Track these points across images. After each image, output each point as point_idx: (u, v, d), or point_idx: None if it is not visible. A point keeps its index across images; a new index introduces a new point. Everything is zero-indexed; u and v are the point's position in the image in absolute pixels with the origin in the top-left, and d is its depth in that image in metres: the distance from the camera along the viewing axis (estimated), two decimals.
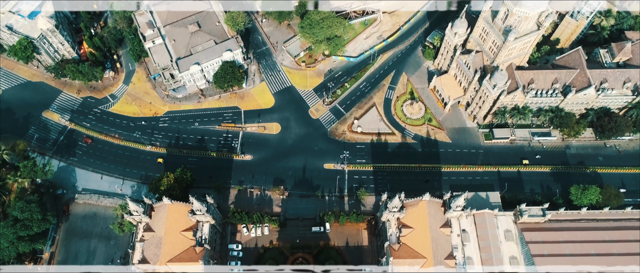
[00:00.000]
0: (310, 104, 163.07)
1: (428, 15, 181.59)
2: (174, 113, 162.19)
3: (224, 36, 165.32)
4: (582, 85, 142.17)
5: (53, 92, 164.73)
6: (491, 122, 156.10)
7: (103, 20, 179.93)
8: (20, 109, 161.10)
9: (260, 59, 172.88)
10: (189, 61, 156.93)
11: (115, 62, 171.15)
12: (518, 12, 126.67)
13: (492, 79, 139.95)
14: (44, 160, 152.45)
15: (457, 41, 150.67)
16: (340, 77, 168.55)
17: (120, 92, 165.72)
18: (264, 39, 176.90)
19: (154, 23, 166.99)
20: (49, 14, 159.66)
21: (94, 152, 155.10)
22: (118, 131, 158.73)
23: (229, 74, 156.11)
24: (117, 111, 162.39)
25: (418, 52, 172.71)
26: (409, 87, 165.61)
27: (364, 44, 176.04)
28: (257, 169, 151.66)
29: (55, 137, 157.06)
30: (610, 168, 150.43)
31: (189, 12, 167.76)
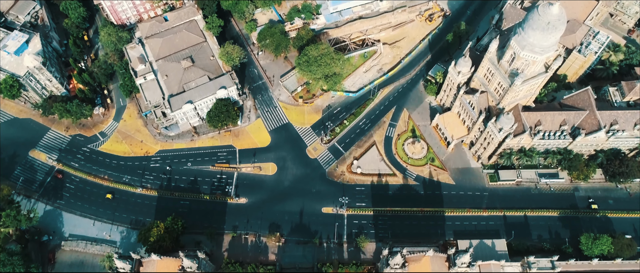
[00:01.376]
0: (308, 143, 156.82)
1: (430, 47, 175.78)
2: (166, 152, 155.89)
3: (218, 71, 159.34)
4: (592, 127, 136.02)
5: (40, 130, 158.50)
6: (496, 162, 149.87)
7: (94, 53, 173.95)
8: (6, 148, 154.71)
9: (256, 94, 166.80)
10: (182, 99, 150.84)
11: (105, 97, 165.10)
12: (525, 57, 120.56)
13: (498, 122, 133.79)
14: (29, 204, 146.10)
15: (460, 79, 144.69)
16: (339, 114, 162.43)
17: (110, 130, 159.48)
18: (260, 73, 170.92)
19: (146, 57, 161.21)
20: (36, 49, 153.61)
21: (82, 195, 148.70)
22: (107, 172, 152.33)
23: (223, 113, 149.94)
24: (107, 150, 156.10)
25: (420, 87, 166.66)
26: (411, 124, 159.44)
27: (364, 77, 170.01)
28: (252, 213, 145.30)
29: (42, 178, 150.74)
30: (621, 212, 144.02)
31: (182, 45, 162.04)
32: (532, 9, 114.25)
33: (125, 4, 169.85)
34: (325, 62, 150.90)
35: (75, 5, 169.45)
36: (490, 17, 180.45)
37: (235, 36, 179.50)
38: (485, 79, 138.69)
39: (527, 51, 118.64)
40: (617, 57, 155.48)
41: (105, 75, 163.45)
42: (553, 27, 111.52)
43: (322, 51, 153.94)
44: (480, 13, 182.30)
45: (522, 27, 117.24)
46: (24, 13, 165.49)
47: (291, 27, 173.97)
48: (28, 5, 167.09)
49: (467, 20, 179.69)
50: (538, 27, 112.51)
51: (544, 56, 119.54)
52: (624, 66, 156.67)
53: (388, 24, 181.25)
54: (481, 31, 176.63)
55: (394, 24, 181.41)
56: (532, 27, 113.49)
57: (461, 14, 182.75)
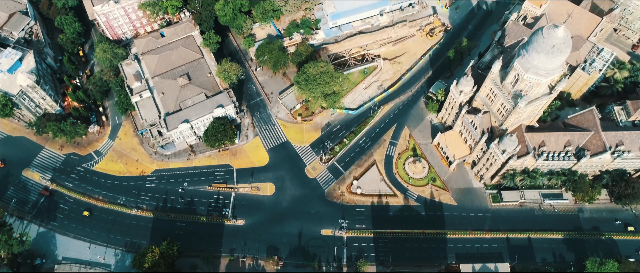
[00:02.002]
0: (307, 162, 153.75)
1: (431, 62, 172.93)
2: (162, 171, 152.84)
3: (215, 88, 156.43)
4: (597, 149, 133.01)
5: (34, 149, 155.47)
6: (499, 183, 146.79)
7: (89, 68, 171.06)
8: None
9: (254, 111, 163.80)
10: (178, 118, 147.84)
11: (100, 115, 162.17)
12: (529, 79, 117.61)
13: (501, 144, 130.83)
14: (22, 225, 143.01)
15: (462, 98, 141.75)
16: (339, 131, 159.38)
17: (105, 149, 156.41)
18: (258, 89, 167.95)
19: (142, 74, 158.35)
20: (30, 67, 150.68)
21: (75, 216, 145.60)
22: (102, 192, 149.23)
23: (220, 133, 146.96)
24: (101, 169, 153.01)
25: (421, 104, 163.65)
26: (412, 143, 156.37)
27: (364, 94, 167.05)
28: (250, 235, 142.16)
29: (35, 199, 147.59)
30: (626, 234, 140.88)
31: (179, 61, 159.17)
32: (537, 31, 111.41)
33: (121, 20, 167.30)
34: (324, 81, 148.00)
35: (71, 20, 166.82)
36: (492, 31, 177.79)
37: (233, 51, 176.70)
38: (488, 99, 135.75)
39: (531, 74, 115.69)
40: (622, 75, 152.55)
41: (100, 92, 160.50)
42: (558, 51, 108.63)
43: (321, 69, 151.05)
44: (482, 27, 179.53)
45: (526, 50, 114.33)
46: (18, 29, 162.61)
47: (290, 42, 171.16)
48: (22, 20, 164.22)
49: (468, 35, 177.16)
50: (542, 50, 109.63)
51: (549, 78, 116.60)
52: (628, 83, 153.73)
53: (388, 39, 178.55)
54: (483, 46, 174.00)
55: (394, 38, 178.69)
56: (537, 50, 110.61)
57: (462, 28, 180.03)
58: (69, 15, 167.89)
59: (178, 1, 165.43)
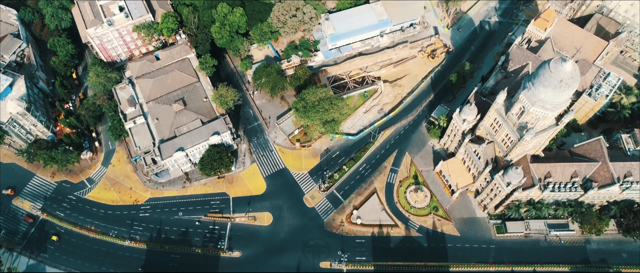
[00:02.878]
0: (305, 190, 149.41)
1: (432, 85, 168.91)
2: (156, 200, 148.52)
3: (211, 113, 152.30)
4: (605, 180, 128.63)
5: (25, 176, 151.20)
6: (503, 213, 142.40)
7: (82, 92, 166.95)
8: None
9: (251, 136, 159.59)
10: (173, 145, 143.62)
11: (93, 140, 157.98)
12: (535, 112, 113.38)
13: (506, 176, 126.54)
14: (11, 257, 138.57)
15: (465, 127, 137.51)
16: (338, 158, 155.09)
17: (98, 176, 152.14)
18: (256, 114, 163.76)
19: (136, 99, 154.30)
20: (20, 93, 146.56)
21: (67, 247, 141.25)
22: (95, 222, 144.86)
23: (216, 161, 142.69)
24: (94, 198, 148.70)
25: (422, 129, 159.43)
26: (413, 170, 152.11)
27: (364, 118, 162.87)
28: (247, 268, 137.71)
29: (25, 229, 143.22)
30: (635, 267, 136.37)
31: (174, 85, 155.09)
32: (544, 65, 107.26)
33: (115, 42, 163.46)
34: (323, 108, 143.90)
35: (64, 42, 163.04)
36: (495, 53, 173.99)
37: (229, 73, 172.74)
38: (492, 128, 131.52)
39: (538, 107, 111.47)
40: (629, 100, 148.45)
41: (93, 117, 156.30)
42: (566, 85, 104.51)
43: (320, 95, 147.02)
44: (485, 48, 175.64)
45: (531, 82, 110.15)
46: (9, 52, 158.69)
47: (288, 65, 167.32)
48: (14, 43, 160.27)
49: (471, 57, 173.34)
50: (549, 85, 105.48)
51: (556, 111, 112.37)
52: (636, 109, 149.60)
53: (389, 61, 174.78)
54: (486, 68, 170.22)
55: (395, 60, 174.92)
56: (543, 84, 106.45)
57: (465, 49, 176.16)
58: (62, 36, 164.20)
59: (173, 24, 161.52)
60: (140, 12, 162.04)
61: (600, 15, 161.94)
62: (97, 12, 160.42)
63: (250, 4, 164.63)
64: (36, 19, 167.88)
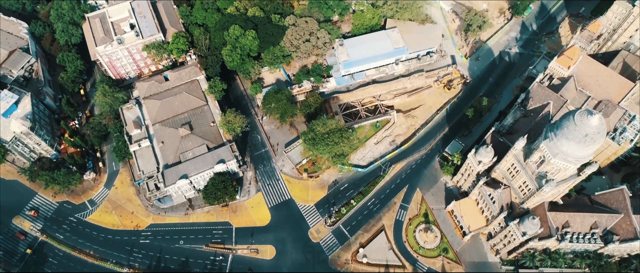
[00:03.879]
0: (311, 224, 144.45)
1: (448, 118, 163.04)
2: (157, 226, 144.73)
3: (218, 139, 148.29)
4: (627, 234, 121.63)
5: (26, 194, 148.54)
6: (517, 259, 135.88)
7: (89, 109, 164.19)
8: None
9: (257, 163, 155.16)
10: (177, 172, 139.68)
11: (98, 160, 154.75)
12: (556, 164, 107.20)
13: (522, 225, 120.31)
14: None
15: (480, 168, 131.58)
16: (346, 191, 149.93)
17: (100, 198, 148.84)
18: (264, 140, 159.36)
19: (142, 120, 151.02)
20: (26, 111, 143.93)
21: (65, 270, 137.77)
22: (94, 246, 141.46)
23: (220, 190, 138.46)
24: (94, 221, 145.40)
25: (435, 164, 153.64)
26: (424, 207, 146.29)
27: (375, 150, 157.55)
28: None
29: (23, 251, 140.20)
30: None
31: (181, 108, 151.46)
32: (568, 116, 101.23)
33: (124, 60, 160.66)
34: (332, 141, 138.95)
35: (73, 57, 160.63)
36: (514, 86, 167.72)
37: (239, 95, 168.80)
38: (509, 173, 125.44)
39: (559, 159, 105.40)
40: None
41: (98, 137, 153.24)
42: (591, 140, 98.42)
43: (330, 127, 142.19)
44: (504, 81, 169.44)
45: (554, 133, 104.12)
46: (17, 67, 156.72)
47: (299, 90, 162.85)
48: (22, 58, 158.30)
49: (489, 89, 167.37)
50: (573, 138, 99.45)
51: (578, 164, 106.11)
52: None
53: (403, 90, 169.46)
54: (504, 101, 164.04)
55: (409, 89, 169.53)
56: (567, 136, 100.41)
57: (483, 81, 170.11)
58: (72, 52, 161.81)
59: (184, 45, 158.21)
60: (151, 31, 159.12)
61: (627, 52, 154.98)
62: (107, 29, 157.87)
63: (263, 27, 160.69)
64: (47, 33, 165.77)
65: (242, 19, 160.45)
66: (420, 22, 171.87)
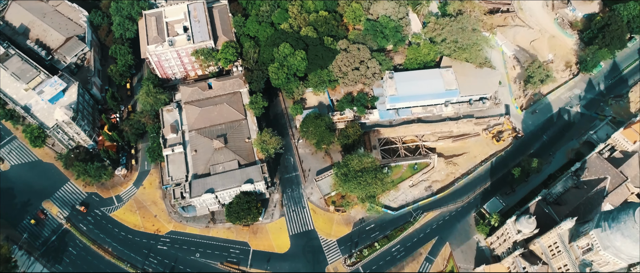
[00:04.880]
0: (330, 260, 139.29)
1: (491, 171, 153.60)
2: (177, 234, 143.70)
3: (250, 157, 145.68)
4: None
5: (59, 180, 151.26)
6: None
7: (132, 104, 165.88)
8: (23, 193, 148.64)
9: (286, 187, 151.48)
10: (204, 184, 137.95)
11: (131, 157, 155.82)
12: (605, 256, 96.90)
13: None
14: (28, 262, 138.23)
15: (519, 237, 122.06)
16: (372, 232, 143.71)
17: (127, 196, 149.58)
18: (296, 163, 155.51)
19: (179, 125, 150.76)
20: (71, 100, 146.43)
21: (82, 264, 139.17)
22: (113, 244, 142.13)
23: (243, 210, 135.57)
24: (118, 217, 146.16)
25: (470, 220, 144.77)
26: (451, 264, 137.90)
27: (408, 193, 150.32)
28: None
29: (48, 235, 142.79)
30: None
31: (220, 119, 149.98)
32: (628, 210, 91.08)
33: (172, 61, 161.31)
34: (365, 181, 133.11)
35: (125, 51, 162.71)
36: (569, 149, 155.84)
37: (279, 113, 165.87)
38: (550, 251, 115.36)
39: (610, 253, 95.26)
40: None
41: (135, 134, 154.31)
42: None
43: (365, 165, 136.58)
44: (559, 141, 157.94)
45: (608, 224, 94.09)
46: (71, 54, 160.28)
47: (340, 118, 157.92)
48: (78, 46, 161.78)
49: (541, 147, 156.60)
50: (630, 236, 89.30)
51: (632, 262, 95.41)
52: None
53: (449, 133, 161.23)
54: (556, 164, 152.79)
55: (455, 134, 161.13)
56: (623, 232, 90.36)
57: (536, 137, 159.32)
58: (125, 46, 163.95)
59: (232, 55, 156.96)
60: (203, 37, 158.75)
61: None
62: (161, 29, 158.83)
63: (313, 49, 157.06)
64: (104, 24, 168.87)
65: (294, 37, 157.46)
66: (478, 65, 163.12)
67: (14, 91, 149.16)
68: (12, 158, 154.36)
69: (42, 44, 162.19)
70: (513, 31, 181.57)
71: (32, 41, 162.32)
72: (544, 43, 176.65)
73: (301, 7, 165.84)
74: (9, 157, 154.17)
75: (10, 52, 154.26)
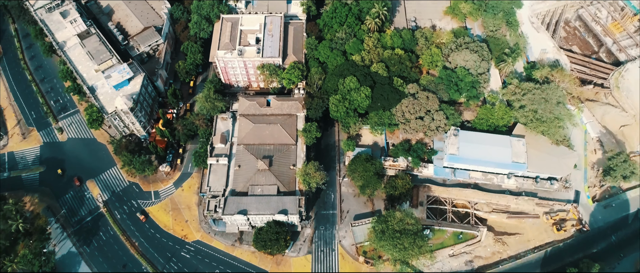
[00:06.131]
0: None
1: (543, 262, 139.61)
2: (202, 245, 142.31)
3: (291, 185, 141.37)
4: None
5: (107, 163, 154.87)
6: None
7: (190, 103, 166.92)
8: (72, 167, 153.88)
9: (320, 223, 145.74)
10: (238, 204, 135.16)
11: (178, 156, 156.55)
12: None
13: None
14: (61, 236, 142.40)
15: None
16: None
17: (165, 194, 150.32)
18: (335, 201, 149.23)
19: (229, 136, 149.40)
20: (134, 90, 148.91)
21: (108, 251, 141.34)
22: (140, 239, 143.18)
23: (271, 240, 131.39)
24: (151, 214, 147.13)
25: None
26: None
27: (446, 262, 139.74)
28: None
29: (84, 215, 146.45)
30: None
31: (270, 139, 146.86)
32: None
33: (238, 70, 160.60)
34: (402, 245, 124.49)
35: (196, 49, 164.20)
36: (636, 259, 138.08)
37: (330, 144, 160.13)
38: None
39: None
40: None
41: (186, 135, 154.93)
42: None
43: (406, 225, 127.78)
44: (629, 247, 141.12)
45: None
46: (145, 43, 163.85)
47: (392, 164, 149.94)
48: (153, 37, 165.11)
49: (607, 249, 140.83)
50: None
51: None
52: None
53: (505, 208, 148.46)
54: (619, 271, 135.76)
55: (512, 210, 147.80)
56: None
57: (603, 235, 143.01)
58: (197, 44, 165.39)
59: (297, 78, 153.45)
60: (273, 53, 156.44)
61: None
62: (234, 36, 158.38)
63: (380, 87, 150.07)
64: (183, 19, 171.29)
65: (363, 72, 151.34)
66: (555, 141, 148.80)
67: (85, 69, 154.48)
68: (71, 131, 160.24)
69: (121, 28, 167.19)
70: (602, 110, 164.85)
71: (113, 23, 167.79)
72: (636, 131, 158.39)
73: (378, 41, 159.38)
74: (68, 129, 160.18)
75: (91, 31, 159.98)
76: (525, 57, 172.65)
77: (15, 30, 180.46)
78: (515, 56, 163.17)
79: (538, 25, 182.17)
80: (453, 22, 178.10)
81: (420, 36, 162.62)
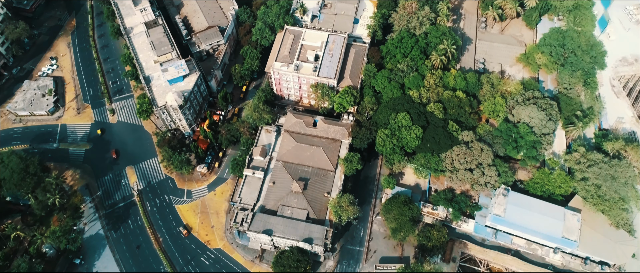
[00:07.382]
0: None
1: None
2: (223, 255, 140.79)
3: (321, 214, 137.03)
4: None
5: (149, 152, 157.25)
6: None
7: (239, 108, 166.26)
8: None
9: (343, 257, 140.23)
10: (265, 222, 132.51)
11: (216, 159, 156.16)
12: None
13: None
14: (93, 217, 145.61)
15: None
16: None
17: (197, 195, 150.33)
18: (364, 238, 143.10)
19: (270, 150, 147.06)
20: (188, 87, 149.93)
21: (133, 239, 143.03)
22: (165, 235, 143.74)
23: (291, 267, 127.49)
24: (180, 212, 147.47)
25: None
26: None
27: None
28: None
29: (118, 200, 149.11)
30: None
31: (309, 161, 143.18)
32: None
33: (291, 84, 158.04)
34: None
35: (254, 55, 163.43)
36: None
37: (370, 177, 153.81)
38: None
39: None
40: None
41: (229, 140, 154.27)
42: None
43: None
44: None
45: None
46: (207, 42, 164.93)
47: (430, 212, 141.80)
48: (215, 36, 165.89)
49: None
50: None
51: None
52: None
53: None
54: None
55: None
56: None
57: None
58: (257, 50, 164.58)
59: (348, 104, 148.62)
60: (329, 73, 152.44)
61: None
62: (293, 50, 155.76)
63: (433, 130, 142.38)
64: (248, 23, 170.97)
65: (418, 110, 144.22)
66: (615, 223, 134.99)
67: (145, 58, 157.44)
68: (122, 114, 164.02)
69: (187, 23, 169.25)
70: None
71: (180, 17, 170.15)
72: None
73: (440, 79, 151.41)
74: (120, 112, 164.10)
75: (158, 22, 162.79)
76: (598, 122, 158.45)
77: (91, 7, 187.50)
78: (587, 121, 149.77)
79: (619, 90, 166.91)
80: (524, 71, 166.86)
81: (486, 81, 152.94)
